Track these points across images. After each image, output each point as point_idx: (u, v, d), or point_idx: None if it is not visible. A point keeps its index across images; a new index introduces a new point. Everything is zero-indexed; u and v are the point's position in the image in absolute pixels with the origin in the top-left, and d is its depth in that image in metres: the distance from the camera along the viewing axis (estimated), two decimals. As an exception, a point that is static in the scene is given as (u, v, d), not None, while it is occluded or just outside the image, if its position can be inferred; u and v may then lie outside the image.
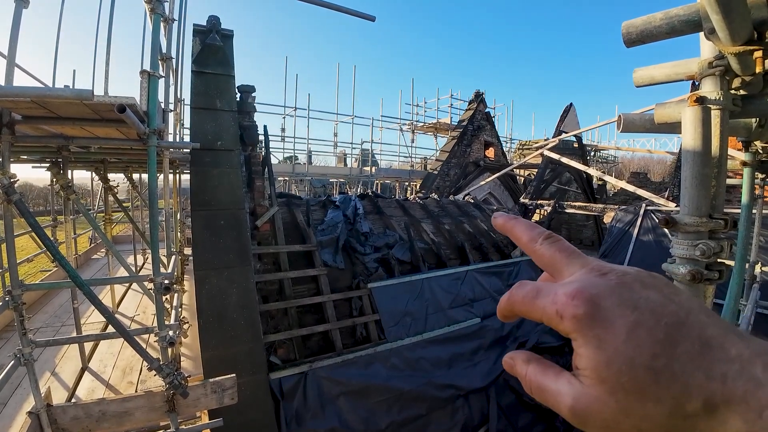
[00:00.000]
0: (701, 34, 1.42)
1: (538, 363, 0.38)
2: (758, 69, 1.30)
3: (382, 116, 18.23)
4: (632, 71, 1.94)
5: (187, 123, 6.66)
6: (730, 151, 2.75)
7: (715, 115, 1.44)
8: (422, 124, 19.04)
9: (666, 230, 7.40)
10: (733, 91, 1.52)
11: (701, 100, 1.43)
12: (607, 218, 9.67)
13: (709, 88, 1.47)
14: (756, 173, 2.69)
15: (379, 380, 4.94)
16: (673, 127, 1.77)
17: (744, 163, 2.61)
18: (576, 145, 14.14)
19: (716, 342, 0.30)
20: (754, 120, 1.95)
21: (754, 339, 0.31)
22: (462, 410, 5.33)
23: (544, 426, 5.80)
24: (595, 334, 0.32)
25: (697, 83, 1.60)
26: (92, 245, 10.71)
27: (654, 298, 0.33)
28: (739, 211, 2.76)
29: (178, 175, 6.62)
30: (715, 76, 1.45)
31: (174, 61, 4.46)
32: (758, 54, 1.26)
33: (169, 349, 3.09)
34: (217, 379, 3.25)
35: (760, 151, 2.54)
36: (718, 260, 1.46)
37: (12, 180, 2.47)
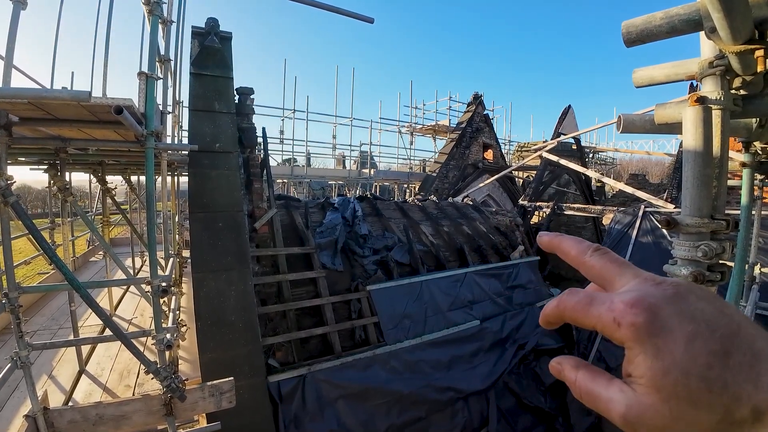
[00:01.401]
0: (701, 33, 1.41)
1: (588, 369, 0.39)
2: (759, 68, 1.29)
3: (380, 118, 18.28)
4: (631, 72, 1.93)
5: (185, 125, 6.66)
6: (730, 153, 2.75)
7: (716, 115, 1.43)
8: (421, 126, 19.05)
9: (665, 232, 7.40)
10: (733, 91, 1.52)
11: (702, 100, 1.42)
12: (606, 220, 9.69)
13: (710, 88, 1.46)
14: (755, 174, 2.69)
15: (378, 383, 4.92)
16: (673, 128, 1.77)
17: (743, 164, 2.61)
18: (575, 146, 14.15)
19: (765, 354, 0.32)
20: (754, 120, 1.95)
21: None
22: (461, 413, 5.31)
23: (544, 428, 5.79)
24: (654, 343, 0.33)
25: (696, 83, 1.59)
26: (90, 248, 10.66)
27: (708, 309, 0.34)
28: (738, 212, 2.76)
29: (176, 177, 6.62)
30: (715, 75, 1.45)
31: (172, 63, 4.45)
32: (759, 53, 1.26)
33: (167, 352, 3.07)
34: (215, 382, 3.22)
35: (760, 152, 2.54)
36: (720, 261, 1.45)
37: (9, 182, 2.45)
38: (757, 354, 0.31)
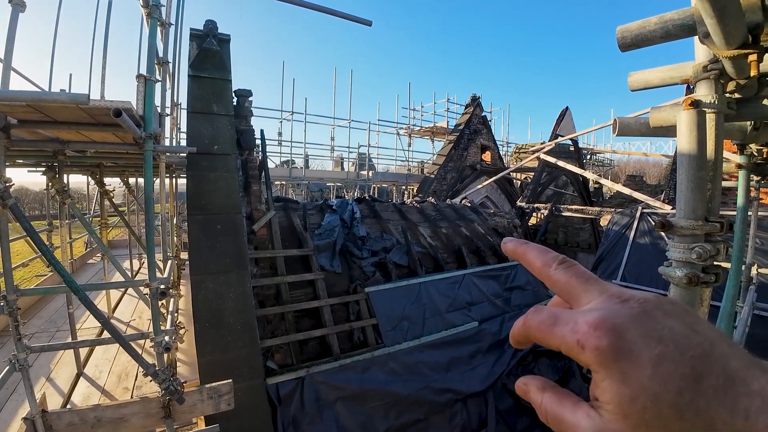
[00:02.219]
0: (696, 37, 1.42)
1: (554, 391, 0.37)
2: (753, 72, 1.31)
3: (379, 120, 18.30)
4: (627, 75, 1.95)
5: (183, 127, 6.66)
6: (726, 154, 2.77)
7: (710, 119, 1.44)
8: (419, 128, 19.09)
9: (662, 233, 7.42)
10: (727, 95, 1.53)
11: (696, 104, 1.44)
12: (604, 221, 9.72)
13: (704, 92, 1.48)
14: (751, 176, 2.71)
15: (376, 385, 4.92)
16: (668, 131, 1.78)
17: (739, 166, 2.63)
18: (572, 148, 14.21)
19: (739, 376, 0.30)
20: (748, 123, 1.96)
21: None
22: (460, 414, 5.31)
23: (542, 429, 5.79)
24: (619, 368, 0.31)
25: (691, 87, 1.61)
26: (88, 250, 10.65)
27: (677, 328, 0.32)
28: (734, 213, 2.78)
29: (174, 180, 6.62)
30: (709, 79, 1.46)
31: (171, 65, 4.47)
32: (753, 57, 1.27)
33: (165, 355, 3.07)
34: (213, 384, 3.23)
35: (755, 154, 2.56)
36: (715, 263, 1.47)
37: (7, 184, 2.46)
38: (731, 376, 0.29)
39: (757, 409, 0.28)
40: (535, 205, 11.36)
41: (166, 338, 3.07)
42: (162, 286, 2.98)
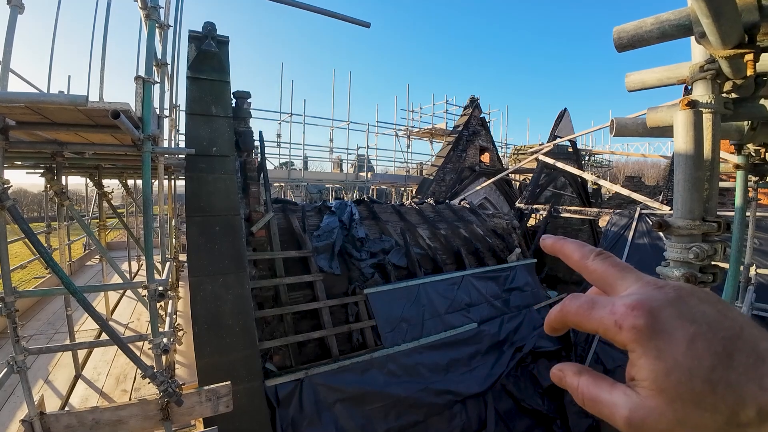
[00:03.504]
0: (692, 38, 1.43)
1: (590, 374, 0.39)
2: (749, 72, 1.31)
3: (377, 122, 18.24)
4: (625, 76, 1.95)
5: (182, 129, 6.66)
6: (723, 155, 2.77)
7: (707, 119, 1.45)
8: (418, 129, 19.06)
9: (661, 233, 7.42)
10: (724, 95, 1.54)
11: (693, 104, 1.44)
12: (603, 222, 9.72)
13: (701, 92, 1.48)
14: (749, 176, 2.71)
15: (375, 387, 4.92)
16: (666, 131, 1.78)
17: (737, 167, 2.64)
18: (570, 149, 14.22)
19: None
20: (746, 123, 1.97)
21: None
22: (459, 416, 5.31)
23: (542, 430, 5.79)
24: (655, 345, 0.33)
25: (689, 87, 1.61)
26: (86, 252, 10.63)
27: (710, 312, 0.34)
28: (732, 213, 2.78)
29: (173, 181, 6.60)
30: (706, 79, 1.47)
31: (169, 67, 4.46)
32: (749, 57, 1.27)
33: (164, 357, 3.06)
34: (212, 386, 3.22)
35: (753, 154, 2.56)
36: (712, 263, 1.47)
37: (5, 186, 2.45)
38: (761, 355, 0.31)
39: None
40: (534, 207, 11.36)
41: (165, 340, 3.06)
42: (160, 288, 2.97)
